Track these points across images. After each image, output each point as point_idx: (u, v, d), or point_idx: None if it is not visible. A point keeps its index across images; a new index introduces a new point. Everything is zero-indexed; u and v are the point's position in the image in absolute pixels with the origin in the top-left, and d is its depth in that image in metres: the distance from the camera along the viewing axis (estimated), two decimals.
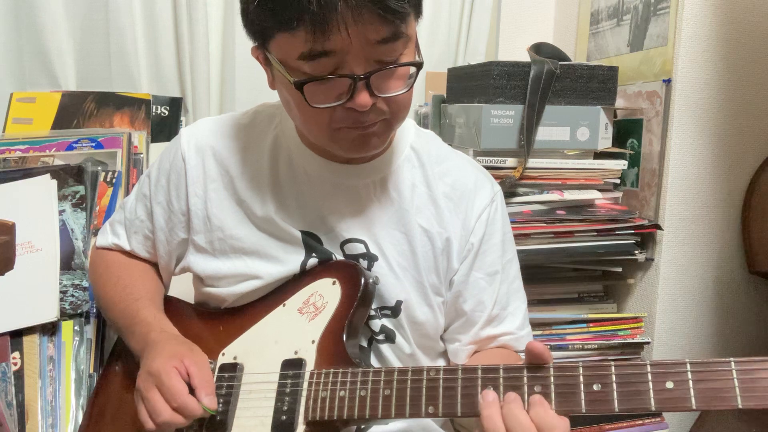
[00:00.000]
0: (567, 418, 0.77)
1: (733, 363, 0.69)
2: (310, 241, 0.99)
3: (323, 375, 0.88)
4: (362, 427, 0.99)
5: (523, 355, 1.09)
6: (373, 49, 0.80)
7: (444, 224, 1.01)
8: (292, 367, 0.91)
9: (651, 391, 0.71)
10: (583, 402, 0.74)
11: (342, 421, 0.86)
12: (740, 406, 0.68)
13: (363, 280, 0.94)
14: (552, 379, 0.76)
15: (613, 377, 0.73)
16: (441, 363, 1.09)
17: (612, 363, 0.74)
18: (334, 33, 0.77)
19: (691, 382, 0.70)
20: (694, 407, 0.70)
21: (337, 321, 0.93)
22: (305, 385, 0.89)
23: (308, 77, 0.81)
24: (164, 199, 1.05)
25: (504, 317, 1.06)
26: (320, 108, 0.83)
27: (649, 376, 0.72)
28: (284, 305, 0.98)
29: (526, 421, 0.74)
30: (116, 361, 1.11)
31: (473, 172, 1.06)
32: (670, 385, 0.71)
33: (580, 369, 0.75)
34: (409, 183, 1.01)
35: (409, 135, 1.05)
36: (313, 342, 0.92)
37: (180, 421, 0.86)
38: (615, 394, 0.73)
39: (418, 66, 0.86)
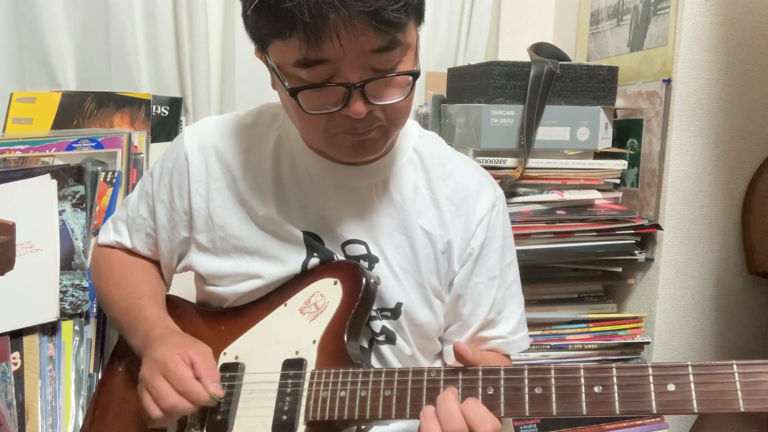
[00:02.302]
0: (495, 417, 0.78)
1: (735, 366, 0.69)
2: (312, 242, 0.99)
3: (324, 375, 0.88)
4: (363, 427, 0.99)
5: (512, 357, 1.10)
6: (369, 57, 0.80)
7: (445, 227, 1.01)
8: (293, 367, 0.91)
9: (652, 394, 0.71)
10: (584, 404, 0.74)
11: (342, 421, 0.86)
12: (742, 410, 0.67)
13: (364, 281, 0.94)
14: (553, 380, 0.76)
15: (615, 379, 0.73)
16: (440, 363, 1.09)
17: (613, 365, 0.74)
18: (327, 42, 0.76)
19: (692, 385, 0.70)
20: (695, 410, 0.69)
21: (338, 321, 0.92)
22: (306, 385, 0.89)
23: (303, 84, 0.81)
24: (167, 198, 1.05)
25: (498, 321, 1.06)
26: (316, 114, 0.83)
27: (651, 379, 0.72)
28: (285, 305, 0.98)
29: (457, 414, 0.77)
30: (118, 361, 1.11)
31: (476, 176, 1.06)
32: (671, 387, 0.71)
33: (582, 371, 0.75)
34: (412, 185, 1.01)
35: (412, 137, 1.05)
36: (314, 342, 0.92)
37: (186, 406, 0.86)
38: (616, 396, 0.73)
39: (415, 75, 0.85)
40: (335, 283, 0.96)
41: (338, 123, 0.85)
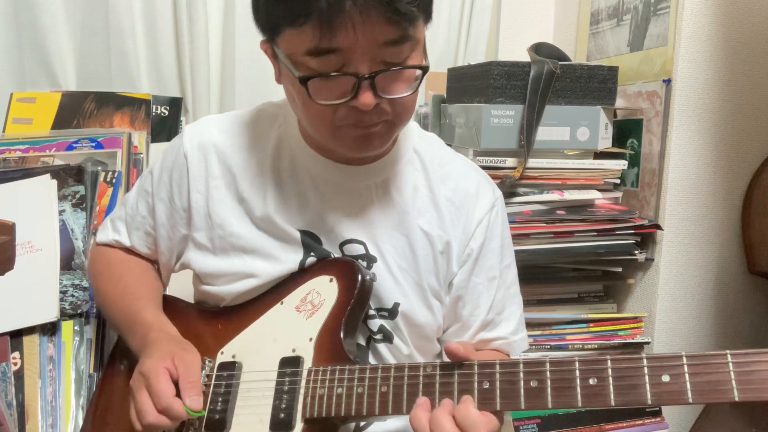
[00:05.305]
0: (492, 415, 0.78)
1: (729, 356, 0.69)
2: (309, 241, 0.99)
3: (321, 372, 0.88)
4: (361, 424, 0.99)
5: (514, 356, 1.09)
6: (380, 50, 0.80)
7: (445, 227, 1.01)
8: (290, 364, 0.91)
9: (647, 385, 0.71)
10: (579, 396, 0.74)
11: (340, 418, 0.86)
12: (737, 399, 0.67)
13: (360, 277, 0.94)
14: (548, 373, 0.76)
15: (609, 371, 0.73)
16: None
17: (608, 357, 0.74)
18: (341, 31, 0.77)
19: (687, 376, 0.70)
20: (690, 401, 0.69)
21: (334, 318, 0.93)
22: (303, 382, 0.89)
23: (313, 73, 0.82)
24: (166, 196, 1.05)
25: (498, 322, 1.06)
26: (324, 105, 0.84)
27: (645, 370, 0.72)
28: (282, 303, 0.98)
29: (449, 426, 0.76)
30: (117, 360, 1.11)
31: (475, 177, 1.07)
32: (666, 378, 0.71)
33: (576, 363, 0.75)
34: (411, 185, 1.01)
35: (413, 138, 1.05)
36: (310, 340, 0.92)
37: (165, 423, 0.85)
38: (611, 388, 0.73)
39: (424, 69, 0.86)
40: (331, 280, 0.96)
41: (345, 115, 0.85)
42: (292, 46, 0.82)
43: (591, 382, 0.74)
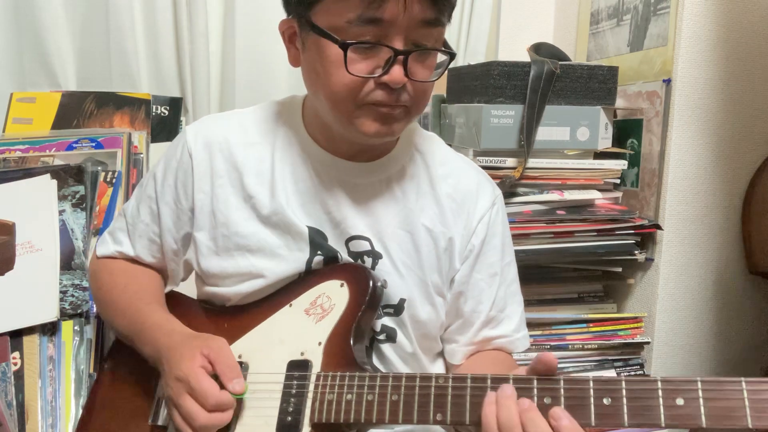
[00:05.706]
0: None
1: (743, 383, 0.69)
2: (317, 238, 0.99)
3: (330, 378, 0.88)
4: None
5: (515, 356, 1.10)
6: (416, 29, 0.84)
7: (447, 224, 1.02)
8: (299, 368, 0.91)
9: (661, 407, 0.71)
10: (592, 415, 0.74)
11: (348, 424, 0.86)
12: (750, 426, 0.67)
13: (371, 283, 0.94)
14: (562, 390, 0.76)
15: (624, 392, 0.73)
16: (440, 363, 1.10)
17: (623, 378, 0.74)
18: (391, 1, 0.80)
19: (701, 400, 0.70)
20: (704, 425, 0.69)
21: (344, 324, 0.92)
22: (311, 387, 0.89)
23: (355, 40, 0.84)
24: (172, 199, 1.04)
25: (501, 320, 1.06)
26: (355, 76, 0.85)
27: (660, 393, 0.72)
28: (290, 305, 0.97)
29: (543, 426, 0.73)
30: (113, 360, 1.11)
31: (475, 176, 1.08)
32: (680, 402, 0.70)
33: (591, 382, 0.75)
34: (414, 183, 1.02)
35: (414, 137, 1.06)
36: (319, 344, 0.92)
37: (220, 419, 0.85)
38: (625, 408, 0.72)
39: (452, 56, 0.90)
40: (342, 285, 0.95)
41: (371, 91, 0.87)
42: (331, 18, 0.84)
43: (605, 401, 0.74)
